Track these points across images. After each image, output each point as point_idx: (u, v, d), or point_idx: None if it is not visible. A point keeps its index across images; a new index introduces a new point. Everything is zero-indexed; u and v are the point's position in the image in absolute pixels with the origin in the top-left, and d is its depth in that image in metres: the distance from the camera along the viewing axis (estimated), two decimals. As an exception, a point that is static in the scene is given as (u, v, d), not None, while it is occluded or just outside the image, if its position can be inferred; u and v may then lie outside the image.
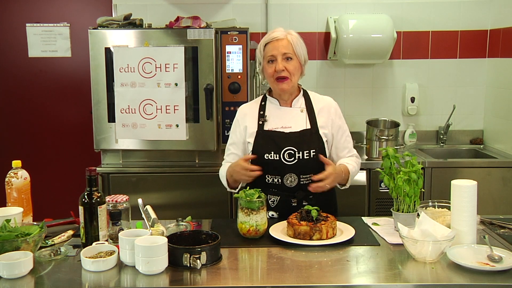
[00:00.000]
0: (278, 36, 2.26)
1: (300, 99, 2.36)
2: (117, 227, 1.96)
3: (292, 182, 2.26)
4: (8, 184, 2.05)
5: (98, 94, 3.36)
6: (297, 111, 2.33)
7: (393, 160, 2.05)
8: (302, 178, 2.26)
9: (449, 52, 4.00)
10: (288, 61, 2.25)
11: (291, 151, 2.24)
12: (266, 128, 2.31)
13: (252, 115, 2.35)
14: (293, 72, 2.26)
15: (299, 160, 2.24)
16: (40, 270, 1.73)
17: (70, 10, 4.06)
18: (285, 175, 2.25)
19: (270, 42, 2.26)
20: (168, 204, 3.41)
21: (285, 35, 2.26)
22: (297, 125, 2.30)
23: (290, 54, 2.24)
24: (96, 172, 1.89)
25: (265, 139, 2.28)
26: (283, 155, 2.24)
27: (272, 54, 2.25)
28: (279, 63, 2.23)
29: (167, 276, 1.67)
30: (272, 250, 1.89)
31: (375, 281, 1.64)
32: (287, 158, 2.24)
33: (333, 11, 3.92)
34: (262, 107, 2.37)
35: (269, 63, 2.27)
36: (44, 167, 4.15)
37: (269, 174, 2.27)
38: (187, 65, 3.29)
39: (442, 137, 4.00)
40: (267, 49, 2.27)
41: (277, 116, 2.32)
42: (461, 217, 1.85)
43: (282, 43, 2.25)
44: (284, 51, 2.24)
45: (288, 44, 2.25)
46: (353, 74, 4.02)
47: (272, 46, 2.25)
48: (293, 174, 2.25)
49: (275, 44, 2.25)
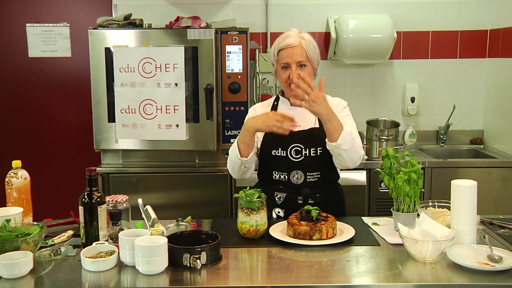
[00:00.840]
0: (292, 43, 2.23)
1: None
2: (117, 227, 1.96)
3: (299, 179, 2.28)
4: (8, 184, 2.05)
5: (98, 94, 3.36)
6: (307, 111, 2.33)
7: (393, 160, 2.05)
8: (309, 175, 2.28)
9: (449, 52, 4.00)
10: (302, 68, 2.24)
11: (298, 147, 2.27)
12: None
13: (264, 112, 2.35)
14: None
15: (305, 157, 2.26)
16: (40, 270, 1.73)
17: (70, 10, 4.06)
18: (291, 171, 2.27)
19: (284, 48, 2.25)
20: (168, 204, 3.41)
21: (299, 41, 2.24)
22: (305, 123, 2.31)
23: (304, 62, 2.24)
24: (96, 172, 1.88)
25: (273, 135, 2.27)
26: (290, 152, 2.27)
27: (286, 62, 2.24)
28: (293, 71, 2.22)
29: (167, 276, 1.67)
30: (272, 250, 1.89)
31: (375, 281, 1.64)
32: (293, 155, 2.26)
33: (333, 11, 3.92)
34: (274, 107, 2.39)
35: (283, 69, 2.27)
36: (44, 167, 4.15)
37: (276, 171, 2.29)
38: (187, 65, 3.29)
39: (442, 137, 4.00)
40: (281, 56, 2.26)
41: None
42: (461, 217, 1.84)
43: (296, 50, 2.23)
44: (298, 59, 2.22)
45: (302, 51, 2.23)
46: (353, 74, 4.02)
47: (286, 54, 2.24)
48: (300, 171, 2.27)
49: (289, 51, 2.23)
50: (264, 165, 2.35)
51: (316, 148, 2.27)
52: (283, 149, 2.27)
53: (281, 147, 2.27)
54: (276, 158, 2.28)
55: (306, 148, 2.26)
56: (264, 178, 2.35)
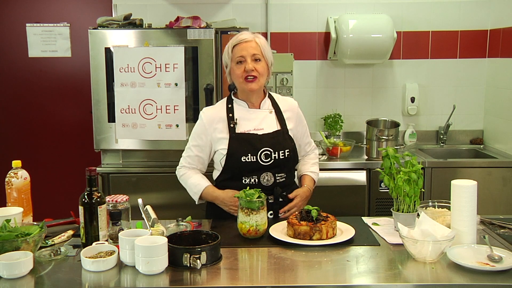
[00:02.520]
0: (246, 38, 2.29)
1: (267, 101, 2.41)
2: (117, 227, 1.96)
3: (269, 181, 2.30)
4: (8, 184, 2.05)
5: (98, 94, 3.36)
6: (266, 113, 2.37)
7: (393, 160, 2.05)
8: (278, 176, 2.32)
9: (449, 52, 4.00)
10: (257, 62, 2.28)
11: (268, 151, 2.29)
12: (238, 131, 2.31)
13: (220, 118, 2.34)
14: (262, 73, 2.29)
15: (275, 160, 2.29)
16: (40, 270, 1.73)
17: (70, 10, 4.06)
18: (261, 174, 2.29)
19: (238, 43, 2.29)
20: (168, 204, 3.40)
21: (253, 37, 2.31)
22: (268, 126, 2.34)
23: (258, 56, 2.28)
24: (96, 172, 1.88)
25: (240, 141, 2.29)
26: (260, 156, 2.28)
27: (241, 55, 2.27)
28: (248, 63, 2.26)
29: (167, 276, 1.67)
30: (272, 250, 1.89)
31: (375, 281, 1.64)
32: (263, 159, 2.28)
33: (333, 11, 3.92)
34: (229, 109, 2.36)
35: (237, 64, 2.29)
36: (44, 167, 4.15)
37: (245, 176, 2.30)
38: (187, 65, 3.29)
39: (442, 137, 4.00)
40: (236, 51, 2.29)
41: (247, 119, 2.34)
42: (461, 217, 1.84)
43: (251, 44, 2.28)
44: (253, 52, 2.27)
45: (256, 46, 2.29)
46: (353, 74, 4.02)
47: (241, 47, 2.28)
48: (269, 173, 2.30)
49: (244, 45, 2.28)
50: (231, 172, 2.33)
51: (285, 150, 2.31)
52: (253, 154, 2.28)
53: (250, 153, 2.28)
54: (246, 164, 2.28)
55: (275, 152, 2.29)
56: (231, 184, 2.30)
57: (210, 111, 2.40)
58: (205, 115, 2.38)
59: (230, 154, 2.29)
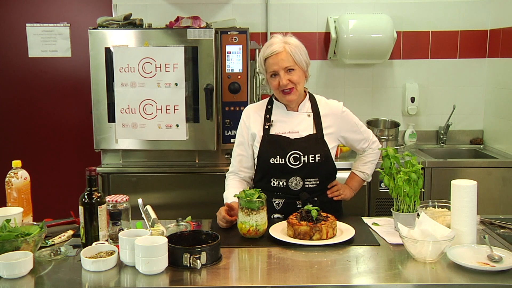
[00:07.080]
0: (276, 50, 2.21)
1: (307, 103, 2.35)
2: (117, 227, 1.96)
3: (297, 185, 2.27)
4: (8, 184, 2.05)
5: (98, 94, 3.36)
6: (304, 116, 2.33)
7: (393, 160, 2.05)
8: (307, 181, 2.27)
9: (449, 52, 4.00)
10: (290, 72, 2.22)
11: (297, 155, 2.26)
12: (272, 132, 2.30)
13: (258, 118, 2.35)
14: (298, 81, 2.24)
15: (304, 164, 2.25)
16: (40, 270, 1.73)
17: (70, 10, 4.06)
18: (290, 178, 2.27)
19: (269, 57, 2.23)
20: (168, 204, 3.41)
21: (283, 46, 2.21)
22: (303, 130, 2.30)
23: (291, 66, 2.21)
24: (96, 172, 1.88)
25: (271, 143, 2.28)
26: (289, 159, 2.25)
27: (273, 70, 2.22)
28: (282, 77, 2.21)
29: (167, 276, 1.67)
30: (272, 250, 1.89)
31: (375, 281, 1.64)
32: (292, 162, 2.25)
33: (333, 11, 3.93)
34: (268, 110, 2.36)
35: (272, 77, 2.25)
36: (44, 167, 4.15)
37: (274, 178, 2.29)
38: (187, 65, 3.29)
39: (442, 137, 4.00)
40: (268, 64, 2.24)
41: (283, 121, 2.32)
42: (461, 217, 1.85)
43: (282, 56, 2.21)
44: (285, 65, 2.20)
45: (287, 56, 2.21)
46: (353, 74, 4.02)
47: (272, 61, 2.22)
48: (298, 177, 2.27)
49: (275, 59, 2.21)
50: (261, 173, 2.33)
51: (315, 154, 2.27)
52: (282, 157, 2.26)
53: (279, 155, 2.26)
54: (275, 166, 2.26)
55: (305, 155, 2.25)
56: (261, 186, 2.28)
57: (250, 109, 2.41)
58: (245, 112, 2.40)
59: (260, 155, 2.30)
